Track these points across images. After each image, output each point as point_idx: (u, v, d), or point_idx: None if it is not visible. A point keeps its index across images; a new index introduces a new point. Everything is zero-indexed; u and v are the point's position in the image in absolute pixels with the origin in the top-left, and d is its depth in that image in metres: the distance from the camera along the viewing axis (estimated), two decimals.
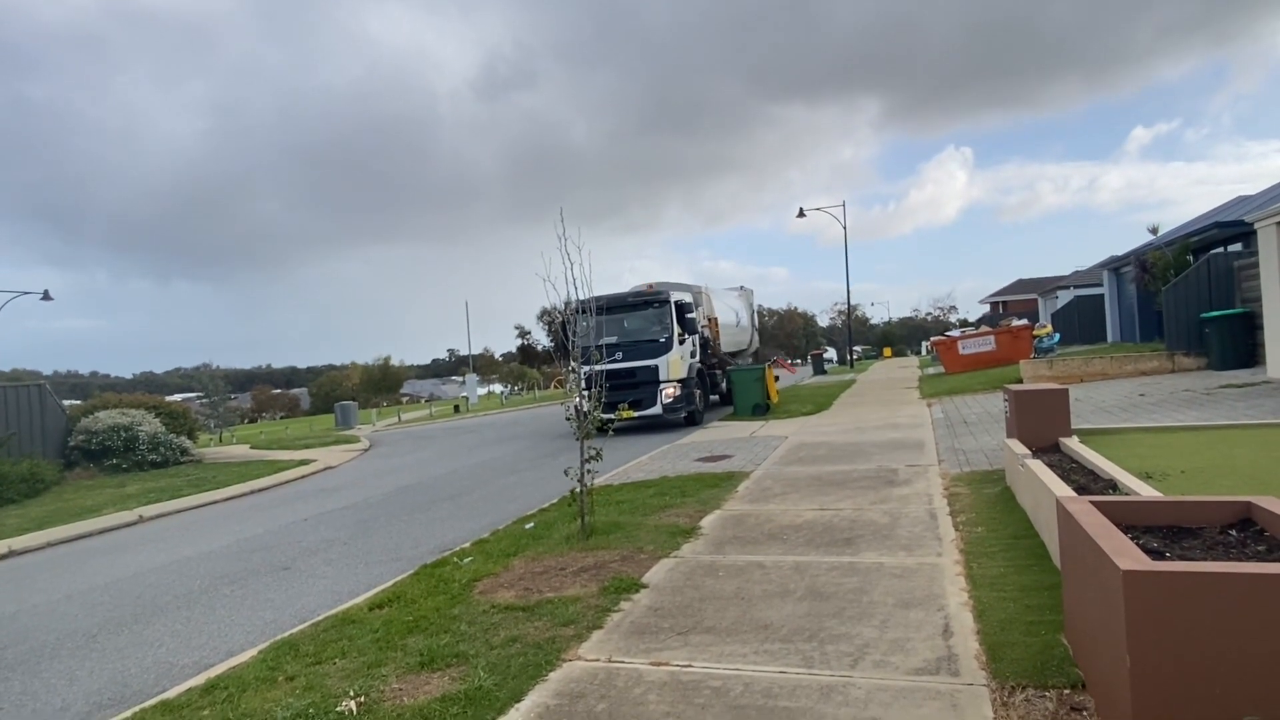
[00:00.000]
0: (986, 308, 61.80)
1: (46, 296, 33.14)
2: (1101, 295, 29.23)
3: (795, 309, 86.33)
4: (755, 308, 27.10)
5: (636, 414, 16.41)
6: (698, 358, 18.06)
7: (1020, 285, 59.81)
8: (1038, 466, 5.91)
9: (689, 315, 17.33)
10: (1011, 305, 55.08)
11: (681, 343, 16.90)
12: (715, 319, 20.36)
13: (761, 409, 17.82)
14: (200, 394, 43.34)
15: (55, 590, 7.86)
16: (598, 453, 7.17)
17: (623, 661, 4.12)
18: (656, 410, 16.45)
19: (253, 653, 5.01)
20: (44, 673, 5.38)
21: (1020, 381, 16.55)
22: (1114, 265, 26.97)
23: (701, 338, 18.68)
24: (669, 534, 6.75)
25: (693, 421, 16.81)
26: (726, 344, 21.53)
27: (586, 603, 5.12)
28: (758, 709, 3.44)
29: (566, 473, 7.25)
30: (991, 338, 25.47)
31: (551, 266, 8.87)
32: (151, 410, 19.02)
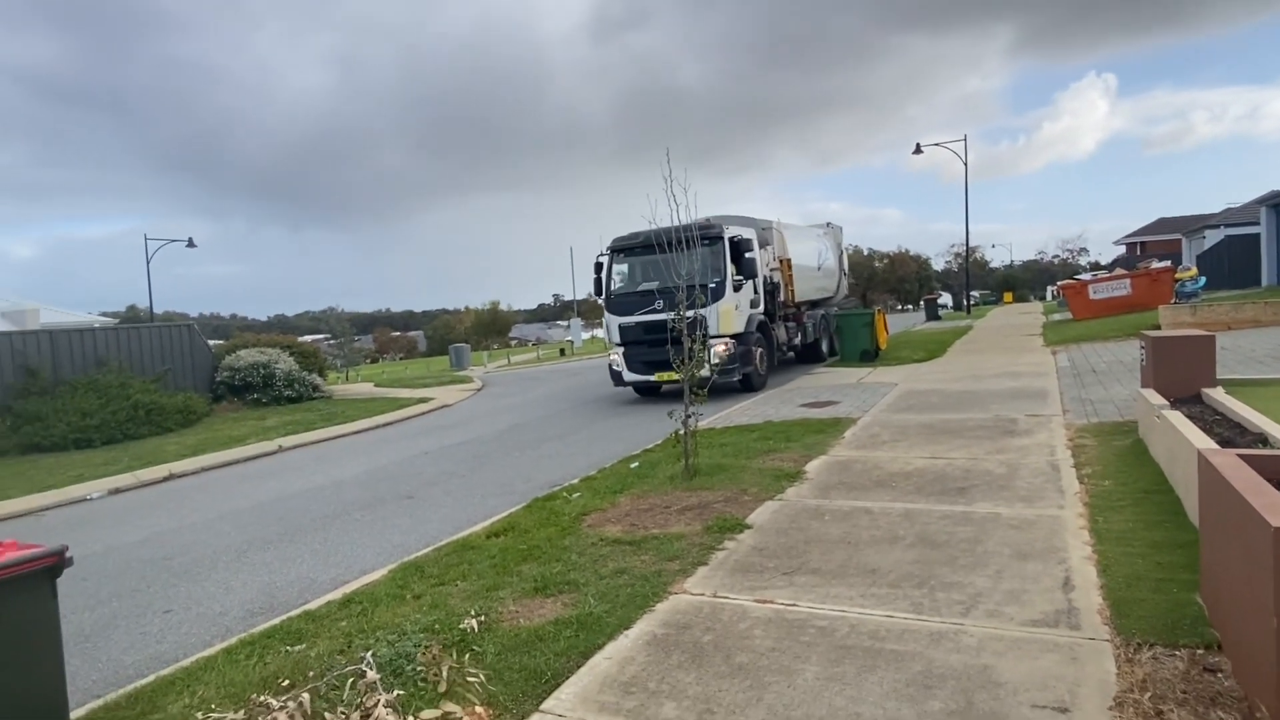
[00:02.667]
0: (1122, 249, 57.16)
1: (191, 244, 35.94)
2: (1257, 235, 26.38)
3: (907, 252, 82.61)
4: (845, 248, 22.31)
5: (679, 377, 14.26)
6: (760, 307, 14.73)
7: (1162, 224, 54.89)
8: (1176, 418, 5.50)
9: (748, 255, 13.72)
10: (1151, 246, 50.70)
11: (737, 289, 13.68)
12: (788, 260, 16.43)
13: (870, 355, 17.32)
14: (328, 335, 46.14)
15: (209, 510, 8.71)
16: (703, 394, 7.20)
17: (727, 597, 4.20)
18: (703, 372, 14.09)
19: (383, 572, 5.41)
20: (204, 581, 6.02)
21: (1158, 328, 15.32)
22: (1275, 201, 24.25)
23: (769, 283, 15.37)
24: (773, 477, 6.75)
25: (750, 386, 13.84)
26: (805, 290, 17.58)
27: (691, 540, 5.22)
28: (864, 650, 3.45)
29: (670, 414, 7.34)
30: (1127, 281, 23.60)
31: (658, 209, 8.86)
32: (286, 349, 20.43)
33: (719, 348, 13.09)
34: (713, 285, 12.89)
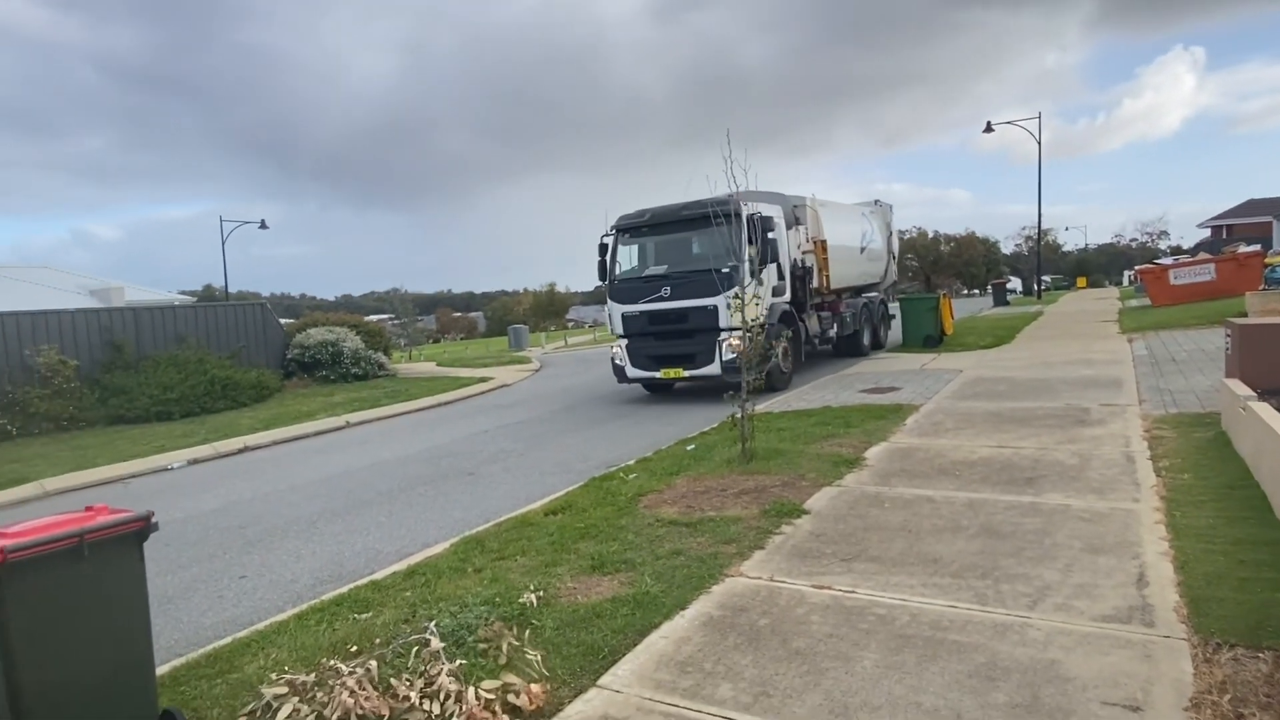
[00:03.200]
0: (1206, 232, 54.23)
1: (264, 225, 37.22)
2: None
3: (975, 234, 79.95)
4: (894, 229, 19.75)
5: (687, 373, 12.13)
6: (786, 295, 13.06)
7: (1251, 206, 51.83)
8: (1265, 410, 5.22)
9: (769, 236, 12.09)
10: (1238, 229, 47.95)
11: (756, 275, 11.71)
12: (823, 242, 14.40)
13: (933, 341, 16.88)
14: (391, 315, 47.30)
15: (281, 481, 9.06)
16: (760, 379, 7.14)
17: (784, 581, 4.18)
18: (713, 369, 11.84)
19: (445, 546, 5.56)
20: (276, 549, 6.27)
21: (1244, 315, 14.53)
22: None
23: (798, 267, 13.63)
24: (831, 463, 6.67)
25: (771, 386, 11.75)
26: (844, 275, 15.57)
27: (747, 523, 5.21)
28: (925, 640, 3.39)
29: (726, 397, 7.30)
30: (1211, 266, 22.40)
31: (716, 190, 8.77)
32: (353, 328, 21.02)
33: (731, 342, 11.19)
34: (726, 270, 10.79)
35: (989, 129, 35.54)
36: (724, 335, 11.55)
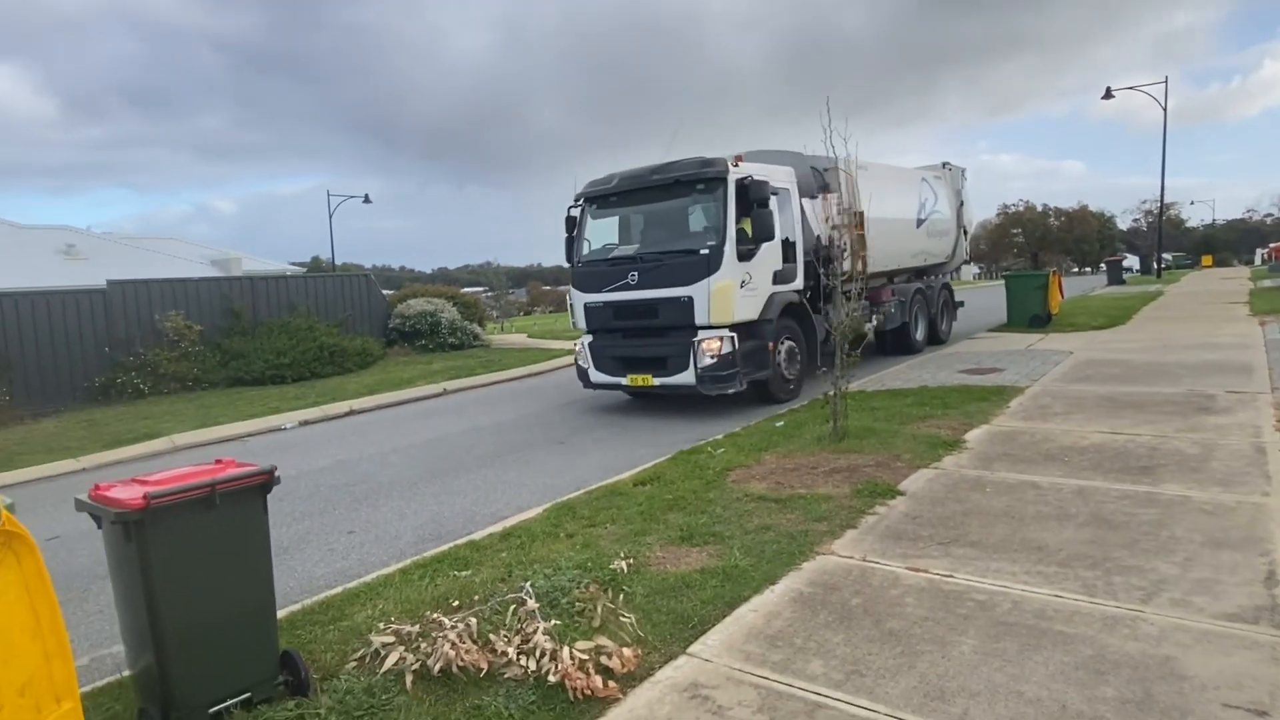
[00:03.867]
0: None
1: (367, 200, 38.73)
2: None
3: (1088, 208, 75.10)
4: (967, 198, 15.98)
5: (657, 382, 9.53)
6: (794, 282, 10.27)
7: None
8: None
9: (762, 209, 9.23)
10: None
11: (747, 257, 9.20)
12: (860, 214, 11.26)
13: (1041, 320, 16.02)
14: (485, 287, 48.54)
15: (384, 444, 9.51)
16: (855, 356, 6.97)
17: (877, 562, 4.11)
18: (687, 377, 9.21)
19: (538, 510, 5.72)
20: (381, 507, 6.60)
21: None
22: None
23: (817, 247, 10.48)
24: (928, 444, 6.47)
25: (771, 397, 9.73)
26: (895, 254, 12.82)
27: (839, 502, 5.13)
28: (1028, 629, 3.27)
29: (820, 373, 7.16)
30: None
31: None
32: (450, 300, 21.71)
33: (710, 343, 8.94)
34: (705, 251, 8.80)
35: (1108, 95, 33.19)
36: (701, 335, 8.96)
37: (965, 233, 16.11)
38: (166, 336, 15.48)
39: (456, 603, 3.92)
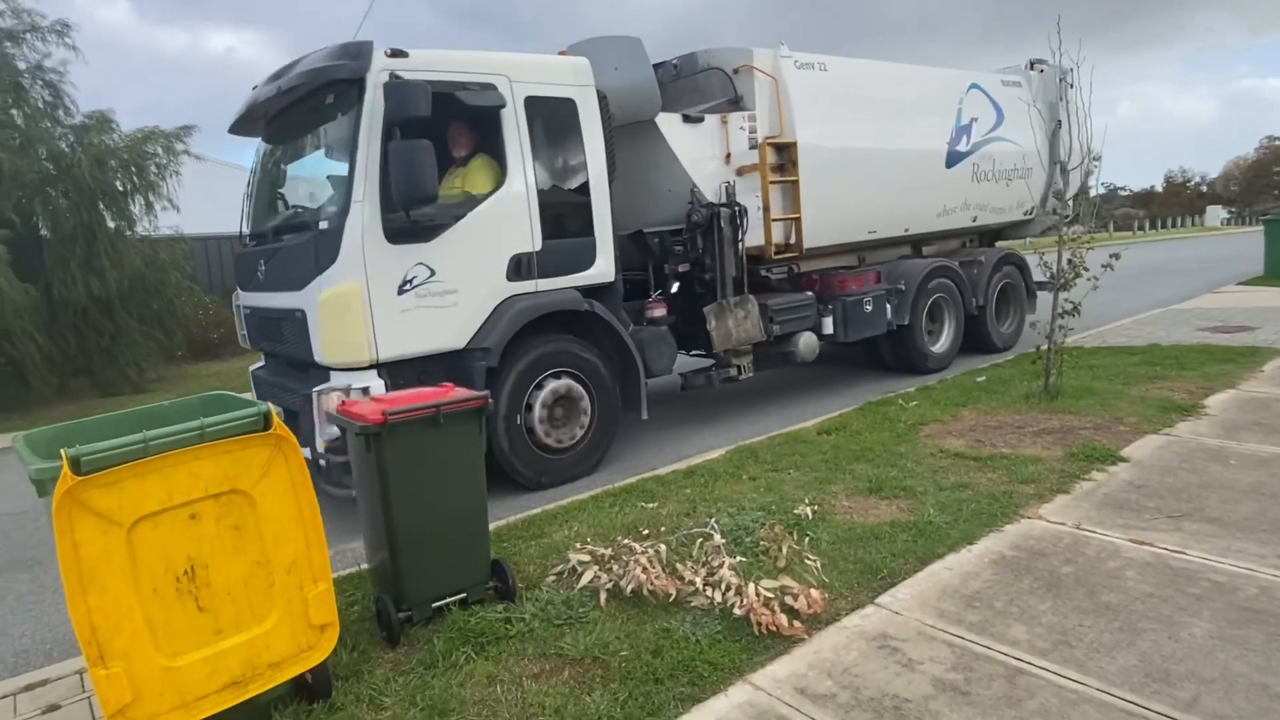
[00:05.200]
0: None
1: None
2: None
3: None
4: (1069, 118, 8.91)
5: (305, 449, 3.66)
6: (597, 270, 5.74)
7: None
8: None
9: (468, 136, 5.40)
10: None
11: (413, 233, 4.86)
12: (791, 145, 6.92)
13: None
14: None
15: None
16: (1075, 307, 6.33)
17: (1093, 531, 3.78)
18: (307, 453, 3.68)
19: (720, 452, 5.78)
20: None
21: None
22: None
23: (693, 206, 6.38)
24: (1158, 408, 5.78)
25: (528, 482, 5.52)
26: (902, 211, 8.26)
27: (1048, 465, 4.75)
28: (1278, 618, 2.88)
29: (1032, 326, 6.59)
30: None
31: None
32: None
33: (328, 405, 4.33)
34: (322, 226, 4.98)
35: None
36: (329, 384, 4.78)
37: (1065, 173, 8.88)
38: None
39: (646, 531, 4.10)
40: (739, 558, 3.58)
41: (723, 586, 3.26)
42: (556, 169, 5.95)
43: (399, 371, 4.86)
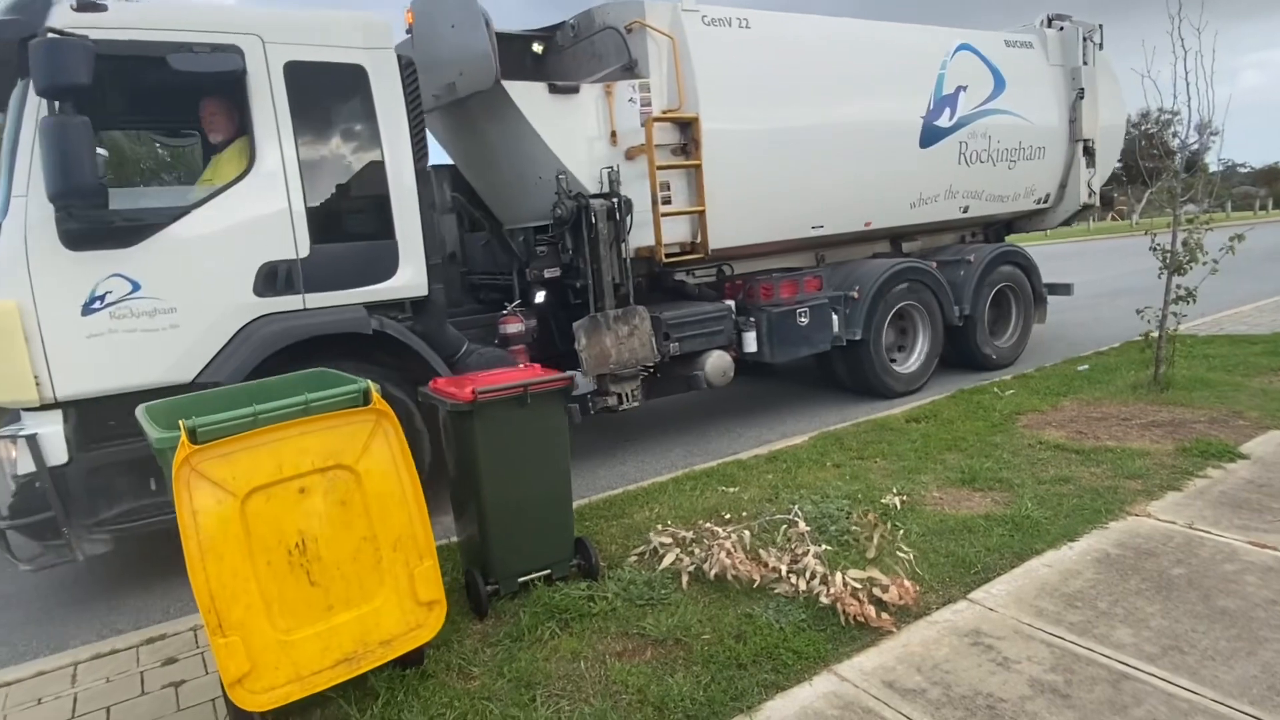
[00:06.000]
0: None
1: None
2: None
3: None
4: (1093, 82, 7.95)
5: None
6: (401, 280, 4.63)
7: None
8: None
9: (218, 115, 4.37)
10: None
11: (93, 237, 3.84)
12: (693, 121, 5.56)
13: None
14: None
15: None
16: (1189, 293, 5.91)
17: (1209, 531, 3.54)
18: None
19: (804, 439, 5.69)
20: (650, 425, 6.99)
21: None
22: None
23: (559, 198, 5.22)
24: None
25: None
26: (864, 200, 6.75)
27: (1158, 459, 4.47)
28: None
29: (1139, 312, 6.20)
30: None
31: (1154, 59, 7.13)
32: None
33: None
34: None
35: None
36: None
37: (1090, 153, 8.08)
38: None
39: (727, 515, 4.07)
40: (824, 546, 3.52)
41: (808, 575, 3.22)
42: (335, 155, 4.56)
43: (97, 413, 3.85)
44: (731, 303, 6.22)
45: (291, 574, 2.53)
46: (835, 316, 6.52)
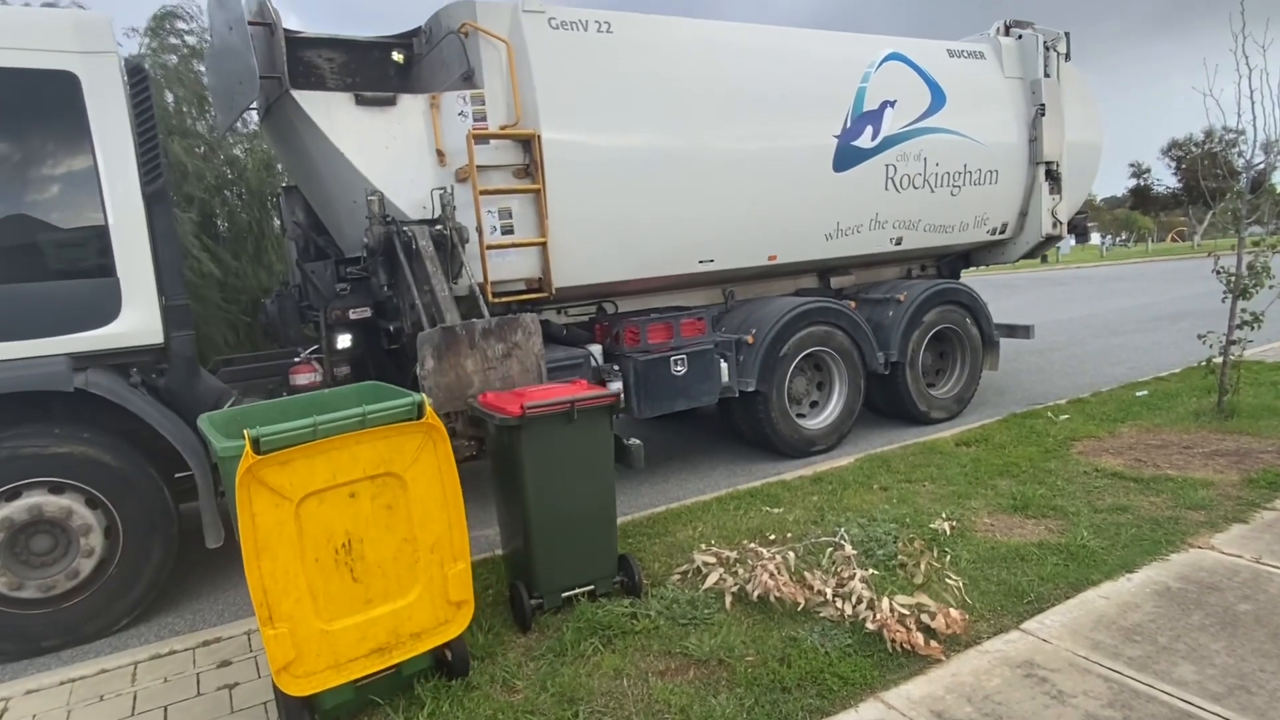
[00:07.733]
0: None
1: None
2: None
3: None
4: (1055, 97, 6.98)
5: None
6: (124, 326, 3.87)
7: None
8: None
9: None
10: None
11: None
12: (534, 138, 4.89)
13: None
14: None
15: None
16: (1255, 317, 5.71)
17: (1277, 567, 3.39)
18: None
19: (849, 460, 5.62)
20: (692, 451, 6.96)
21: None
22: None
23: (369, 230, 4.43)
24: None
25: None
26: (761, 231, 5.90)
27: (1222, 490, 4.31)
28: None
29: (1201, 337, 6.00)
30: None
31: (1216, 78, 6.97)
32: None
33: None
34: None
35: None
36: None
37: (1055, 177, 7.17)
38: None
39: (772, 536, 4.04)
40: (870, 570, 3.47)
41: (854, 599, 3.17)
42: (31, 177, 3.85)
43: None
44: (598, 348, 5.42)
45: (336, 571, 2.66)
46: (725, 364, 5.67)
